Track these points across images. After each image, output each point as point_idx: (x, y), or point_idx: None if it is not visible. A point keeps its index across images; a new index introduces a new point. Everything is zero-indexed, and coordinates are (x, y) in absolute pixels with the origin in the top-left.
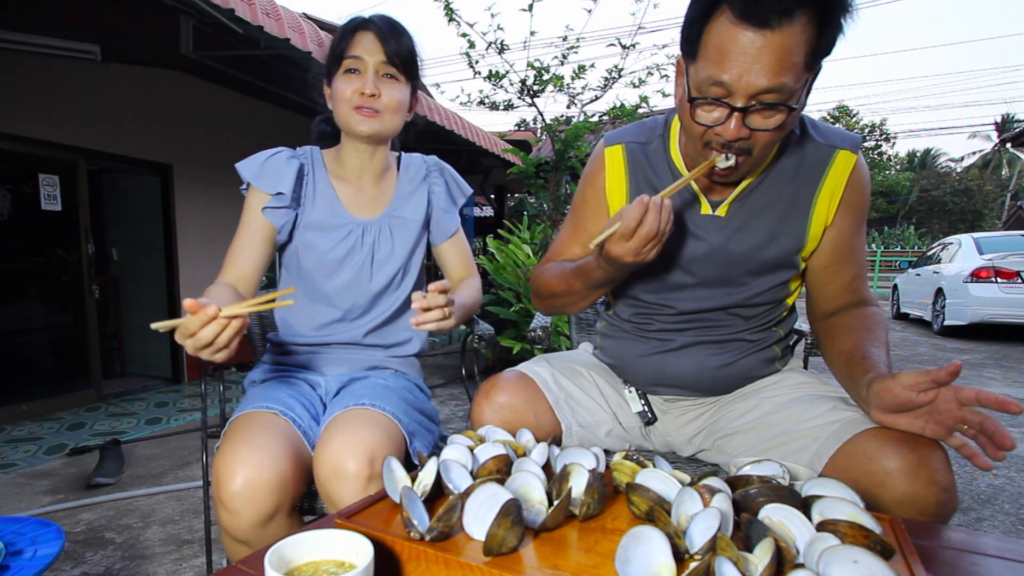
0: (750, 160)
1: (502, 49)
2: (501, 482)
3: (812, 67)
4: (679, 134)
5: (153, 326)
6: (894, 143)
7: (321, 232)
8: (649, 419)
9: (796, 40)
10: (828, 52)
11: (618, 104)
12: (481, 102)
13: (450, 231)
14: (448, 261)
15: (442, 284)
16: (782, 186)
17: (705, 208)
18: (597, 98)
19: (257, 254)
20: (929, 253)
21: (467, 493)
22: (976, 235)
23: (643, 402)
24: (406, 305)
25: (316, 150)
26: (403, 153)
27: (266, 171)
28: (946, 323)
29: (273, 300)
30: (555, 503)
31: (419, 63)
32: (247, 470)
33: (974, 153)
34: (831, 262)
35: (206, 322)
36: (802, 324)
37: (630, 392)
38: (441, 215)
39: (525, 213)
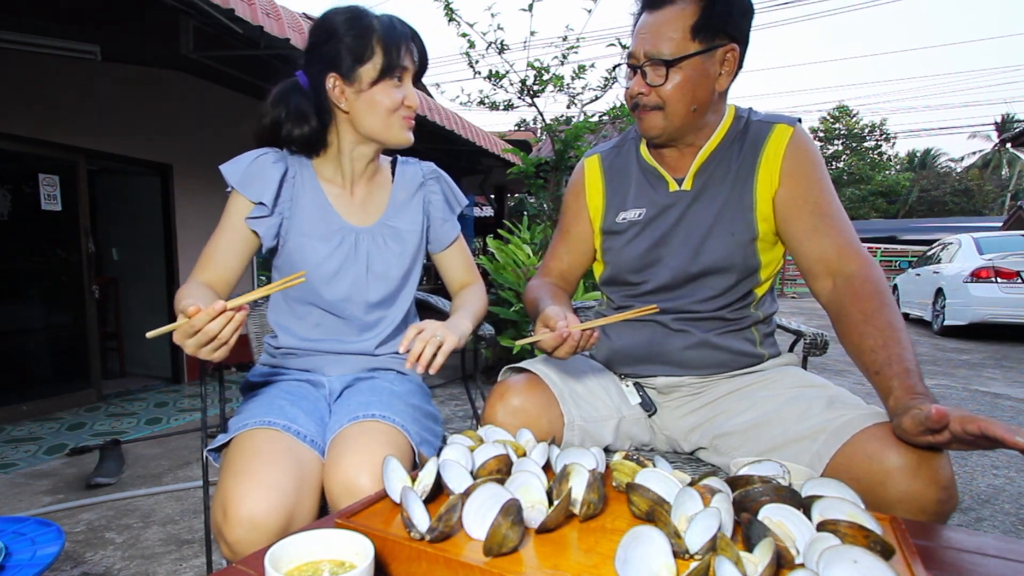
0: (663, 115)
1: (502, 49)
2: (501, 482)
3: (700, 38)
4: None
5: (149, 335)
6: (894, 143)
7: (314, 240)
8: (650, 408)
9: (675, 17)
10: (717, 27)
11: (618, 104)
12: (481, 102)
13: (449, 239)
14: (449, 268)
15: (417, 326)
16: (731, 157)
17: (672, 186)
18: (597, 98)
19: (235, 258)
20: (929, 253)
21: (467, 493)
22: (976, 235)
23: (641, 393)
24: (408, 314)
25: None
26: (399, 157)
27: (251, 176)
28: (946, 323)
29: (283, 284)
30: (555, 503)
31: None
32: (253, 509)
33: (974, 153)
34: (788, 216)
35: (214, 316)
36: (801, 325)
37: (628, 387)
38: (440, 224)
39: (525, 213)
